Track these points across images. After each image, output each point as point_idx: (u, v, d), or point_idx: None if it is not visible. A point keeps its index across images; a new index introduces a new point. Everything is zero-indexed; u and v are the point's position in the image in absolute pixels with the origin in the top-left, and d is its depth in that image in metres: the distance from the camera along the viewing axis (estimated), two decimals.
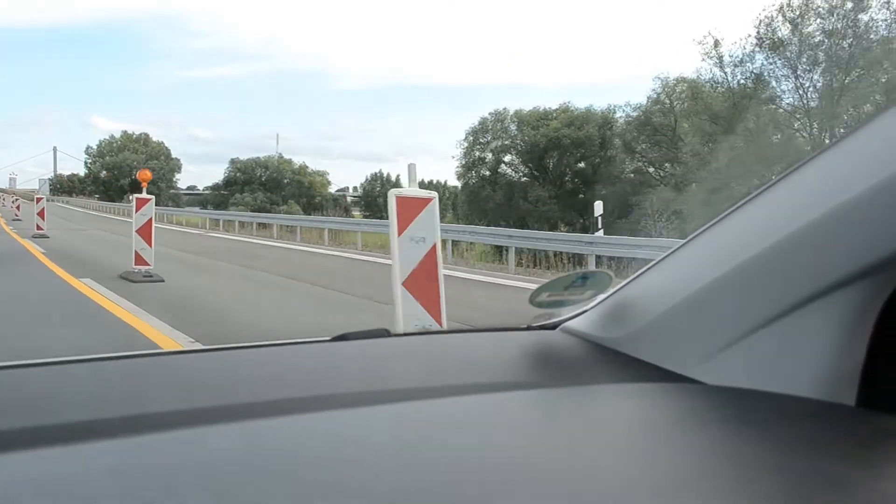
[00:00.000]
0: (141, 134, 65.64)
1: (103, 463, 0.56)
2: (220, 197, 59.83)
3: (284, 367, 0.88)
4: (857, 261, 0.68)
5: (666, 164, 27.12)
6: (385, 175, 67.44)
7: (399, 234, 3.30)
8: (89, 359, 0.82)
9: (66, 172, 72.19)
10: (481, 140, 35.29)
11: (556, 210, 28.96)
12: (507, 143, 34.30)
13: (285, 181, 63.16)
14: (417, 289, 3.14)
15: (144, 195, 9.99)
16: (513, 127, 34.77)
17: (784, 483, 0.53)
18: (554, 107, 34.46)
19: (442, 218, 3.77)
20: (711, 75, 24.57)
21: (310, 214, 35.55)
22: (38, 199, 19.62)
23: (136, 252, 9.49)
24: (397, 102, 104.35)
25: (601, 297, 0.95)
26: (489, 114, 36.23)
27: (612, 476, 0.55)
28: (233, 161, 65.23)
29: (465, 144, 36.01)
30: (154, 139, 66.09)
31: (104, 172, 64.28)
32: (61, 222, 24.62)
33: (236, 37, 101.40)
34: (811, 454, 0.59)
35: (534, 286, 0.95)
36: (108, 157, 64.05)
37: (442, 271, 3.42)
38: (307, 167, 63.99)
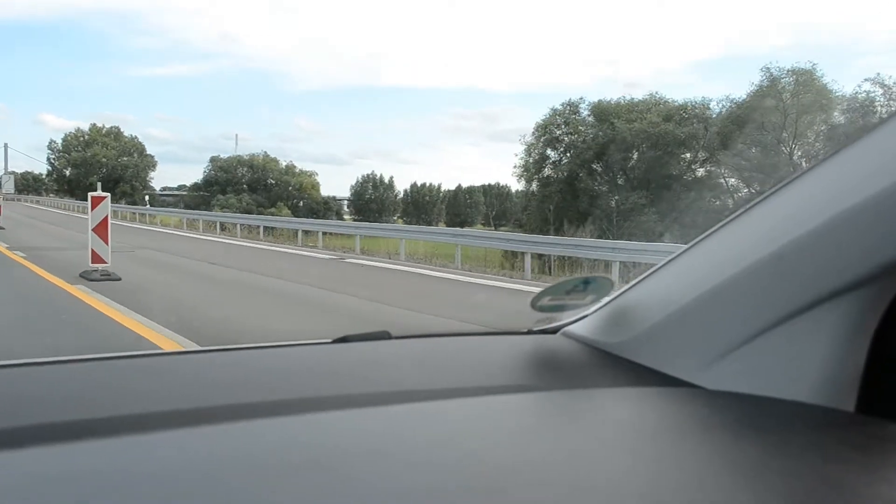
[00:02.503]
0: (112, 128, 60.33)
1: (102, 462, 0.58)
2: (200, 198, 54.11)
3: (286, 368, 0.89)
4: (857, 268, 0.70)
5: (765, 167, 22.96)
6: (378, 176, 62.23)
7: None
8: (90, 358, 0.84)
9: (19, 170, 64.86)
10: (549, 134, 30.08)
11: (656, 219, 24.32)
12: (586, 139, 28.85)
13: (270, 181, 57.56)
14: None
15: None
16: (589, 121, 29.45)
17: (783, 488, 0.56)
18: (638, 97, 29.49)
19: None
20: None
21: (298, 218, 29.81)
22: (98, 200, 9.76)
23: None
24: (354, 105, 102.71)
25: (603, 301, 0.97)
26: (561, 104, 30.89)
27: (613, 480, 0.57)
28: (213, 159, 59.95)
29: (531, 140, 30.63)
30: (126, 134, 59.11)
31: (69, 169, 57.16)
32: (74, 235, 17.90)
33: (189, 36, 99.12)
34: (810, 459, 0.61)
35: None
36: (74, 153, 57.31)
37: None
38: (294, 167, 58.40)
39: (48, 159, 61.87)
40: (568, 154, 29.90)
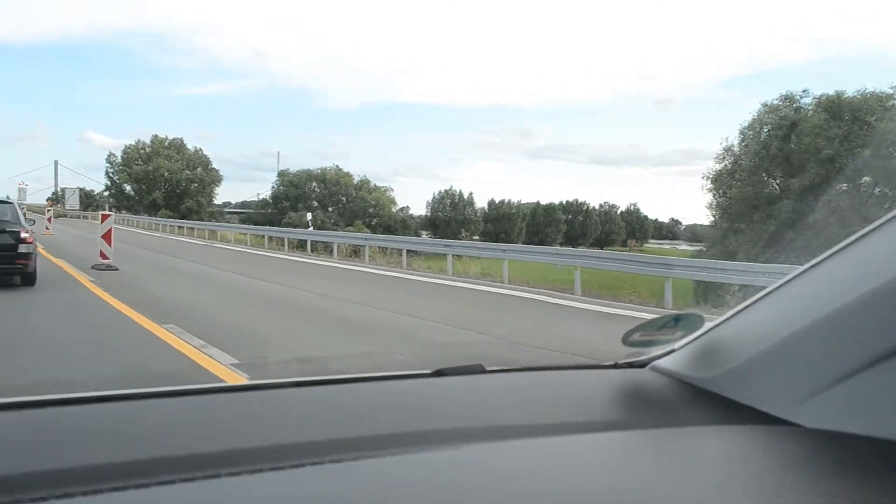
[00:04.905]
0: (175, 139, 56.42)
1: (204, 500, 0.60)
2: (269, 215, 48.87)
3: (385, 402, 0.92)
4: None
5: None
6: (457, 192, 56.90)
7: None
8: (179, 391, 0.85)
9: (69, 187, 60.24)
10: (759, 136, 23.78)
11: None
12: (833, 142, 22.78)
13: (343, 197, 52.23)
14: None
15: None
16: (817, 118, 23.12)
17: None
18: (882, 89, 23.09)
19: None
20: None
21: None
22: None
23: None
24: (387, 122, 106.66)
25: (692, 336, 0.98)
26: (777, 99, 24.68)
27: None
28: (281, 174, 55.34)
29: (734, 142, 24.40)
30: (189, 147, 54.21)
31: (129, 184, 52.12)
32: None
33: (224, 55, 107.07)
34: None
35: None
36: (135, 167, 52.57)
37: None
38: (369, 182, 53.12)
39: (107, 173, 58.41)
40: (788, 161, 23.72)
